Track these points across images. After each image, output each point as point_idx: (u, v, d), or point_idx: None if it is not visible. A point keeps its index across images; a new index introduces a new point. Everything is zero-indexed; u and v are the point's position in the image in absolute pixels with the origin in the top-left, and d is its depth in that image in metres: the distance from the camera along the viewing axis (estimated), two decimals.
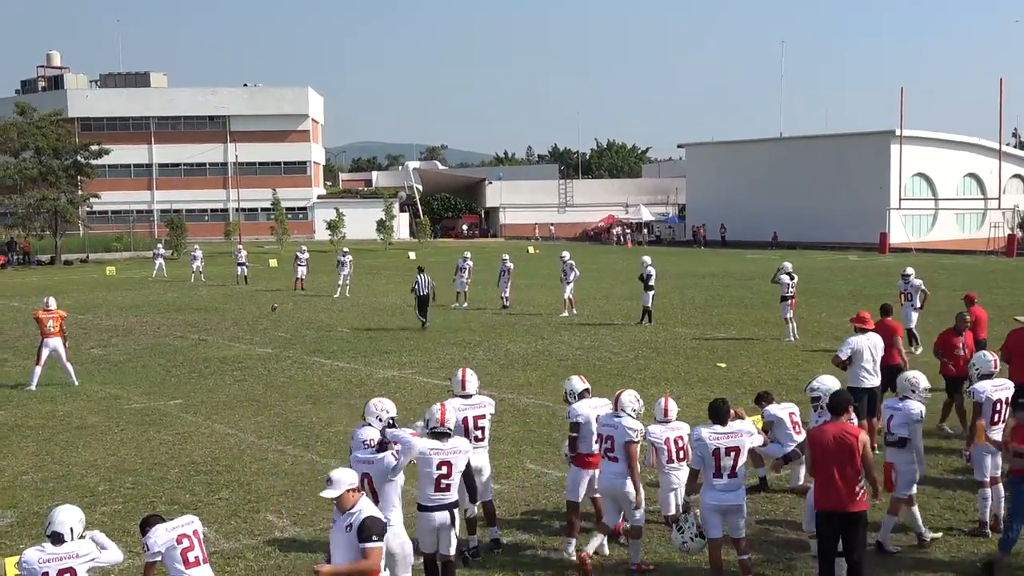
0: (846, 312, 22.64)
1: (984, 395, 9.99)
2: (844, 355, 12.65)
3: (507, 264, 30.48)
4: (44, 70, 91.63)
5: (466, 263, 31.27)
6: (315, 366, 20.24)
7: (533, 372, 19.14)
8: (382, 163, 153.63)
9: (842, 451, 7.88)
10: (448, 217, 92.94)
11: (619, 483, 8.91)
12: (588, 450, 9.31)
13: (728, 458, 8.19)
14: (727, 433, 8.27)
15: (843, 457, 7.86)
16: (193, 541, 6.96)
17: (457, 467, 8.07)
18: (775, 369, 19.15)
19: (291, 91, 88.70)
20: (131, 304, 33.48)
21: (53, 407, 16.47)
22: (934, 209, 71.46)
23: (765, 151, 76.29)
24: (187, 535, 6.95)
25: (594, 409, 9.38)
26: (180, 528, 6.97)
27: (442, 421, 8.23)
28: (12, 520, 10.69)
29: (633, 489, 8.84)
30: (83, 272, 51.79)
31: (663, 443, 9.52)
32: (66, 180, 59.76)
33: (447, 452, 8.05)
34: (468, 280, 31.26)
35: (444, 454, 8.02)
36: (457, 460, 8.08)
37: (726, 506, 8.26)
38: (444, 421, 8.25)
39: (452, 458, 8.04)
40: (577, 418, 9.33)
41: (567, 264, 28.38)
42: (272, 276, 45.23)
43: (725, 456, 8.19)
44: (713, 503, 8.28)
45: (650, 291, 26.07)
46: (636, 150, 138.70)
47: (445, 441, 8.14)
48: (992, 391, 10.02)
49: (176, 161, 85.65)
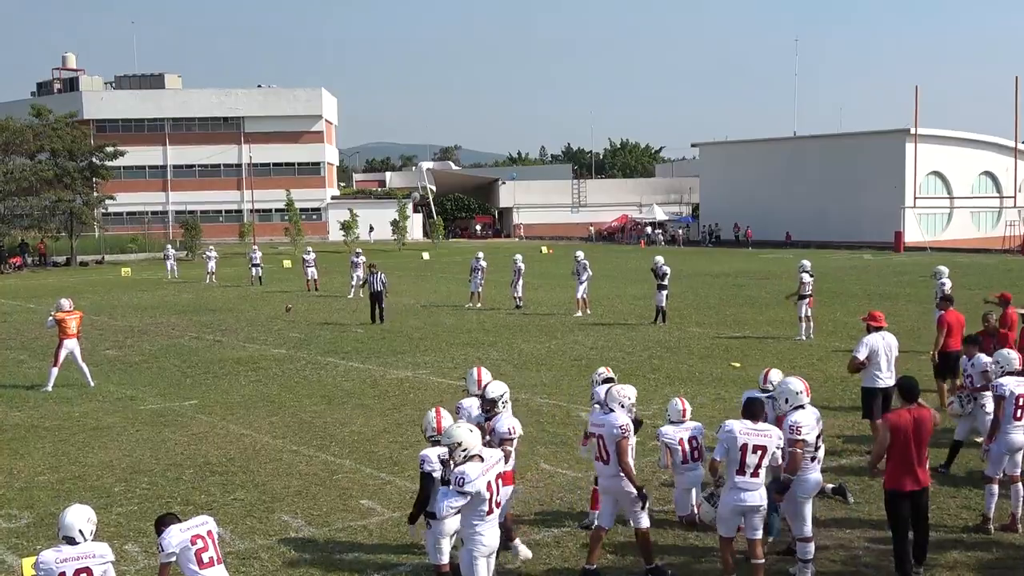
0: (860, 311, 22.55)
1: (1007, 389, 9.95)
2: (862, 355, 12.47)
3: (519, 264, 30.47)
4: (60, 72, 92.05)
5: (479, 263, 31.12)
6: (329, 367, 20.28)
7: (547, 372, 19.13)
8: (396, 164, 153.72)
9: (922, 432, 8.55)
10: (461, 217, 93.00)
11: (617, 482, 8.63)
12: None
13: (754, 456, 8.11)
14: (758, 431, 8.20)
15: (922, 438, 8.55)
16: (207, 542, 6.97)
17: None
18: (789, 369, 19.03)
19: (305, 92, 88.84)
20: (146, 305, 33.62)
21: (69, 408, 16.55)
22: (949, 208, 71.12)
23: (779, 150, 76.09)
24: (201, 535, 6.96)
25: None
26: (195, 528, 6.98)
27: (439, 430, 7.97)
28: (29, 521, 10.75)
29: (634, 488, 8.57)
30: (99, 273, 52.02)
31: (677, 444, 9.50)
32: (81, 182, 60.01)
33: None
34: (482, 281, 31.16)
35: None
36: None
37: (745, 506, 8.20)
38: (441, 430, 7.95)
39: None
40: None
41: (580, 264, 28.39)
42: (286, 277, 45.34)
43: (752, 453, 8.11)
44: (734, 502, 8.21)
45: (663, 290, 26.04)
46: (650, 149, 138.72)
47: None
48: (1015, 386, 9.98)
49: (190, 162, 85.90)
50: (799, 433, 8.54)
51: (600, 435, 8.62)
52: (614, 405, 8.66)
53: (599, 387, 9.46)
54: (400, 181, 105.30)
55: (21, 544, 9.97)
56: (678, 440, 9.61)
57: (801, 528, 8.76)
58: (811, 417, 8.78)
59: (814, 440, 8.73)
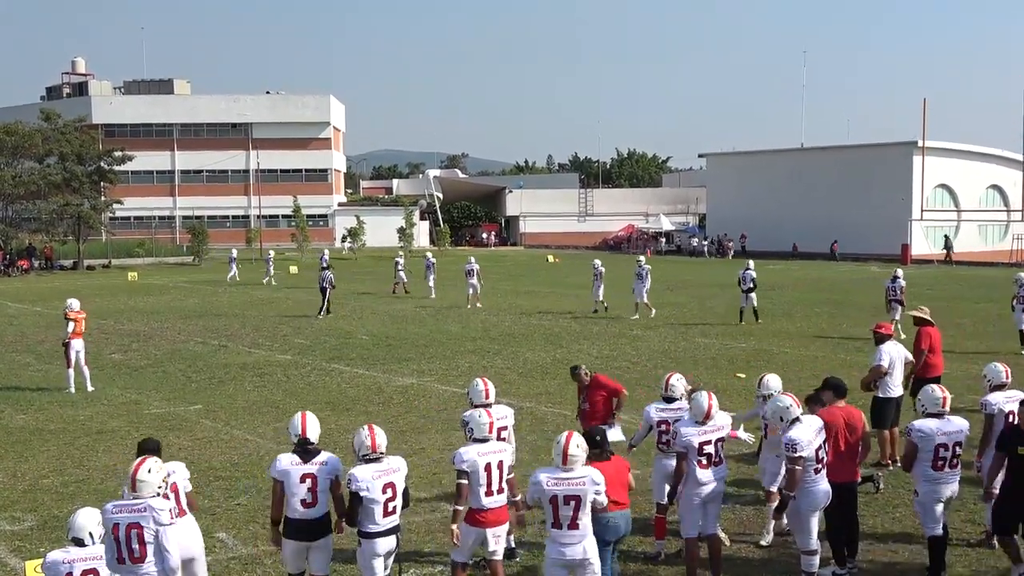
0: (867, 323, 22.51)
1: (996, 407, 9.78)
2: (885, 364, 12.46)
3: (599, 268, 31.15)
4: (69, 76, 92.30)
5: (473, 267, 33.36)
6: (334, 373, 20.30)
7: (552, 381, 19.13)
8: (403, 171, 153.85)
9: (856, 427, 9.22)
10: (468, 225, 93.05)
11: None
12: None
13: (567, 507, 7.44)
14: (569, 479, 7.46)
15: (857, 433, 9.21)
16: (169, 495, 7.26)
17: (399, 486, 7.63)
18: (795, 380, 19.03)
19: (313, 99, 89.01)
20: (152, 309, 33.68)
21: (74, 411, 16.58)
22: (956, 221, 70.98)
23: (786, 161, 76.03)
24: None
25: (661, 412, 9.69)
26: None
27: (373, 448, 7.63)
28: (33, 523, 10.77)
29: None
30: (105, 277, 52.12)
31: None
32: (89, 186, 60.22)
33: (387, 473, 7.60)
34: (476, 282, 33.35)
35: (386, 475, 7.57)
36: (398, 479, 7.63)
37: (567, 561, 7.47)
38: (375, 447, 7.64)
39: (393, 478, 7.61)
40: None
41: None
42: (293, 283, 45.38)
43: (564, 505, 7.45)
44: (554, 557, 7.51)
45: (750, 293, 28.13)
46: (657, 159, 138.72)
47: (382, 463, 7.63)
48: (1004, 403, 9.83)
49: (198, 168, 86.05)
50: (796, 451, 8.42)
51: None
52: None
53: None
54: (407, 188, 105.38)
55: (25, 547, 9.99)
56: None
57: (806, 541, 8.70)
58: (809, 431, 8.61)
59: (813, 452, 8.59)
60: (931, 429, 8.95)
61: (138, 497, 6.85)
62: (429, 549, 9.82)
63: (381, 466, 7.59)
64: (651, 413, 9.68)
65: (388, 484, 7.56)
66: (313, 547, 7.77)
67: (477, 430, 8.18)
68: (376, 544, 7.56)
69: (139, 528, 6.73)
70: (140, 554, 6.74)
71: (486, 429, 8.18)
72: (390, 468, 7.63)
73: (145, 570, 6.76)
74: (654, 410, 9.69)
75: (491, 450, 8.11)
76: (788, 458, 8.47)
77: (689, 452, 8.69)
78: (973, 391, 14.55)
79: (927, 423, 9.01)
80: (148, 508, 6.78)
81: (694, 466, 8.69)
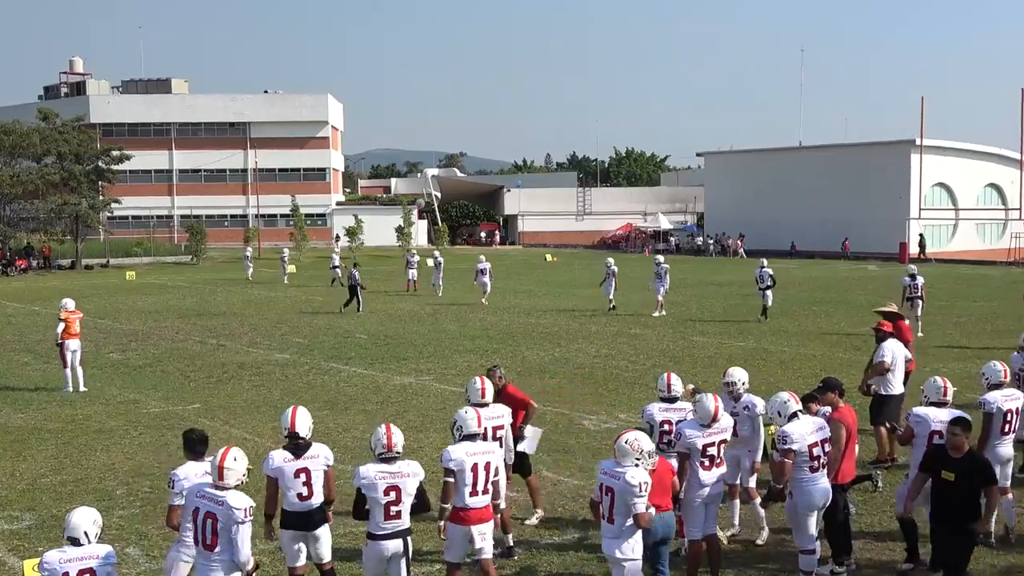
0: (864, 322, 22.54)
1: (995, 406, 9.81)
2: (889, 360, 12.49)
3: (612, 267, 31.48)
4: (67, 76, 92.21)
5: (484, 266, 34.05)
6: (332, 372, 20.29)
7: (550, 380, 19.13)
8: (401, 170, 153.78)
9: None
10: (466, 224, 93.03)
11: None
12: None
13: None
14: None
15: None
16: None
17: (407, 491, 7.55)
18: (793, 378, 19.06)
19: (311, 98, 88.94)
20: (150, 309, 33.67)
21: (72, 411, 16.58)
22: (954, 219, 71.01)
23: (784, 160, 76.03)
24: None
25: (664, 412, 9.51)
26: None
27: (388, 446, 7.60)
28: (31, 523, 10.76)
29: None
30: (103, 277, 52.09)
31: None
32: (87, 185, 60.13)
33: (394, 476, 7.54)
34: (487, 280, 33.83)
35: (392, 478, 7.52)
36: (406, 484, 7.55)
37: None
38: (391, 446, 7.60)
39: (400, 482, 7.54)
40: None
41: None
42: (293, 281, 45.37)
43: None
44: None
45: (768, 290, 28.44)
46: (655, 158, 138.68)
47: (392, 464, 7.58)
48: (1003, 401, 9.88)
49: (196, 167, 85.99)
50: (786, 443, 8.46)
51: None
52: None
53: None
54: (405, 187, 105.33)
55: (23, 546, 9.99)
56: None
57: (802, 540, 8.69)
58: (806, 426, 8.62)
59: (807, 449, 8.52)
60: (929, 416, 9.13)
61: (223, 485, 7.06)
62: (428, 548, 9.82)
63: (390, 467, 7.56)
64: (654, 413, 9.50)
65: (392, 487, 7.50)
66: (312, 536, 7.92)
67: (465, 427, 8.20)
68: (380, 546, 7.56)
69: (214, 519, 6.97)
70: (211, 542, 6.99)
71: (474, 425, 8.23)
72: (400, 472, 7.56)
73: (217, 557, 6.99)
74: (657, 410, 9.52)
75: (480, 450, 8.14)
76: (779, 450, 8.54)
77: (692, 453, 8.71)
78: (972, 389, 14.56)
79: (927, 410, 9.22)
80: (226, 504, 6.98)
81: (696, 467, 8.71)
